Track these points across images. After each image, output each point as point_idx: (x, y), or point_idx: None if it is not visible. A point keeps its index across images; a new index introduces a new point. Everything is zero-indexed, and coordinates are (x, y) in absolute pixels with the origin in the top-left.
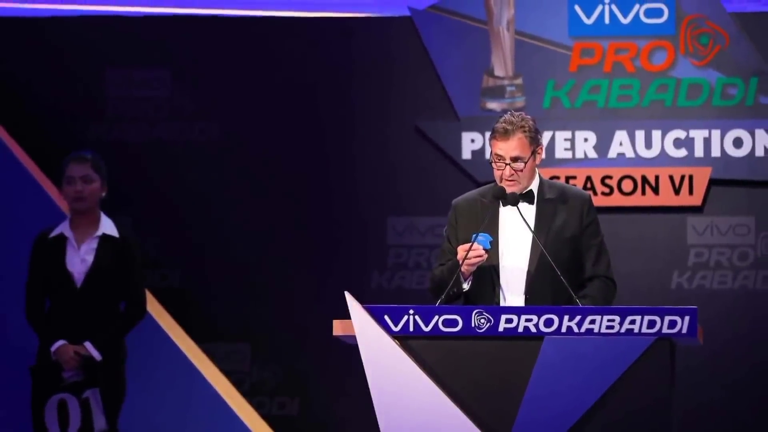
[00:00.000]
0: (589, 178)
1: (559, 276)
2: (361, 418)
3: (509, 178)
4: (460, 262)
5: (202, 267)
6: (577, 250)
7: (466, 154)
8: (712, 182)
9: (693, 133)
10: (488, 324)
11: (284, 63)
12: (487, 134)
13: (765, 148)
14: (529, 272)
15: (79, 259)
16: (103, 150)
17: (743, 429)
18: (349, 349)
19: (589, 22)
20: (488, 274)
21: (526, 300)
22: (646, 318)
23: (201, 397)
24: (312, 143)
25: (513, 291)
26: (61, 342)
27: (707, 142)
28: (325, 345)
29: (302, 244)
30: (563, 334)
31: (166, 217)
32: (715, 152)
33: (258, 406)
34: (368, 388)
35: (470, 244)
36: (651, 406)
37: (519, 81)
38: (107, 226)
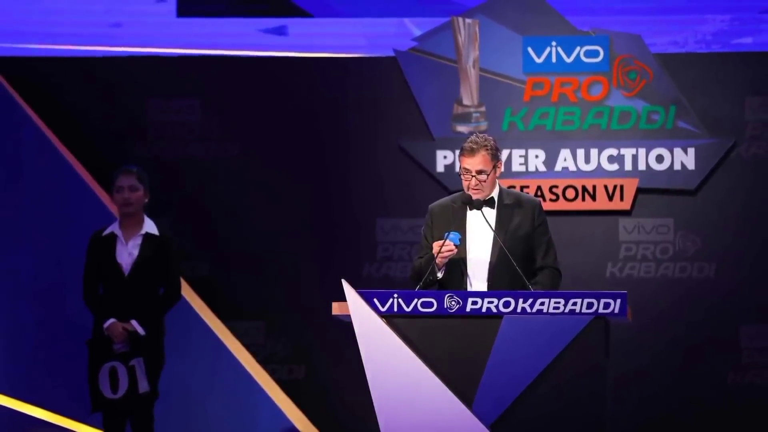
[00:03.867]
0: (539, 188)
1: (515, 267)
2: (355, 382)
3: (475, 188)
4: (436, 255)
5: (226, 260)
6: (530, 246)
7: (440, 168)
8: (639, 191)
9: (623, 151)
10: (458, 305)
11: (292, 94)
12: (457, 152)
13: (681, 163)
14: (491, 263)
15: (127, 253)
16: (146, 164)
17: (665, 389)
18: (346, 325)
19: (539, 61)
20: (458, 265)
21: (489, 286)
22: (586, 300)
23: (225, 364)
24: (314, 159)
25: (478, 279)
26: (111, 320)
27: (635, 158)
28: (326, 322)
29: (307, 241)
30: (519, 313)
31: (197, 219)
32: (641, 166)
33: (271, 372)
34: (361, 358)
35: (443, 240)
36: (590, 371)
37: (482, 109)
38: (150, 226)
